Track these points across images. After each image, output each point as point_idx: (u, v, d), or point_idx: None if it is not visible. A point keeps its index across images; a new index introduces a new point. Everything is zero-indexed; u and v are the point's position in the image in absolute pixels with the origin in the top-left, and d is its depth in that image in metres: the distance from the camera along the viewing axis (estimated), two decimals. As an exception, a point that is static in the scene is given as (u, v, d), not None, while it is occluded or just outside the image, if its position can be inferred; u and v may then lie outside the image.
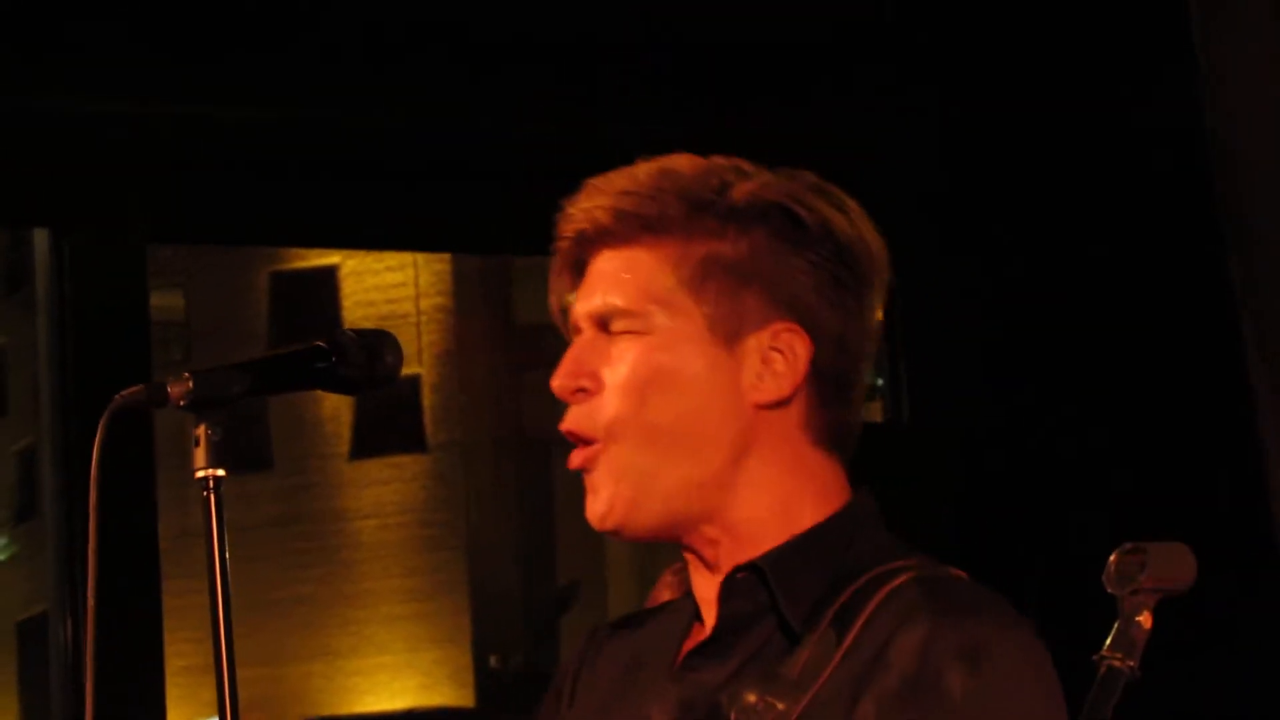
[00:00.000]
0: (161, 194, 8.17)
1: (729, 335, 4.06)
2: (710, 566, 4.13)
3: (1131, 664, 3.39)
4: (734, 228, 4.09)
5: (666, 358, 4.03)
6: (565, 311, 4.20)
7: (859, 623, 3.97)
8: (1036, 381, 8.59)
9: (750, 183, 4.09)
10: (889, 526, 4.21)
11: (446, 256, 45.15)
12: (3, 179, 8.29)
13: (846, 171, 4.55)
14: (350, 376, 4.11)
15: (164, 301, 42.33)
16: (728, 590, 4.08)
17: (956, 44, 8.88)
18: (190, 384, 3.99)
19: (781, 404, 4.08)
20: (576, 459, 4.05)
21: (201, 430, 3.98)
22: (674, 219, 4.07)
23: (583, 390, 4.06)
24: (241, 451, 50.44)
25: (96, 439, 4.04)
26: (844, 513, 4.12)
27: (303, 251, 48.77)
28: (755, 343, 4.05)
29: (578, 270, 4.19)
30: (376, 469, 51.40)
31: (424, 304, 50.33)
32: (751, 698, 3.89)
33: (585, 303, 4.13)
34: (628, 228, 4.06)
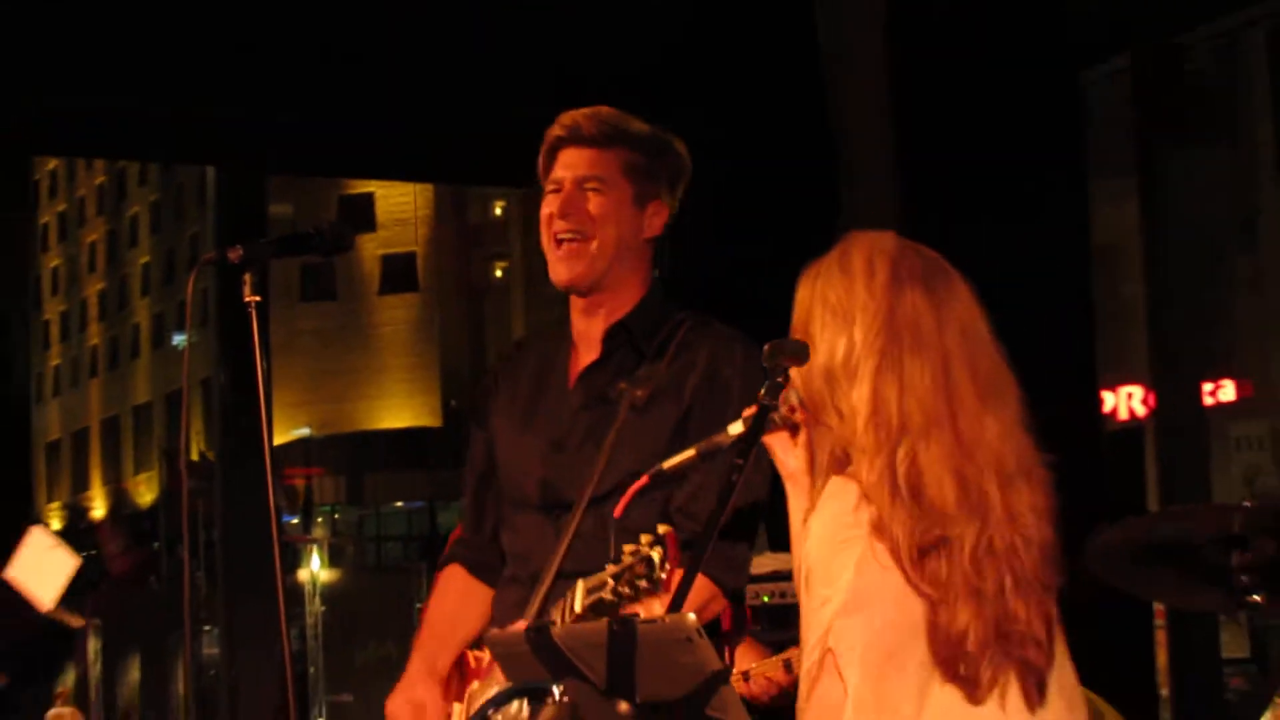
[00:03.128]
0: (275, 143, 7.85)
1: (639, 202, 4.24)
2: (590, 314, 4.26)
3: (774, 403, 3.20)
4: (646, 149, 4.26)
5: (614, 206, 4.19)
6: (548, 174, 4.28)
7: (674, 345, 4.19)
8: (741, 238, 8.12)
9: (650, 128, 4.28)
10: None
11: (430, 187, 46.12)
12: (191, 141, 7.94)
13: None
14: (326, 246, 4.17)
15: (280, 210, 42.48)
16: (610, 336, 4.25)
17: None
18: (241, 250, 4.04)
19: (651, 240, 4.26)
20: (571, 248, 4.19)
21: (248, 276, 4.02)
22: (617, 138, 4.23)
23: (573, 213, 4.17)
24: (318, 289, 53.44)
25: (190, 281, 4.18)
26: (654, 289, 4.30)
27: (354, 182, 50.12)
28: (650, 208, 4.25)
29: (555, 155, 4.27)
30: (392, 300, 52.50)
31: (420, 213, 51.47)
32: (623, 385, 4.10)
33: (573, 170, 4.22)
34: (598, 137, 4.22)
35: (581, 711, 2.94)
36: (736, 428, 3.45)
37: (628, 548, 3.32)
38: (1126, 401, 19.31)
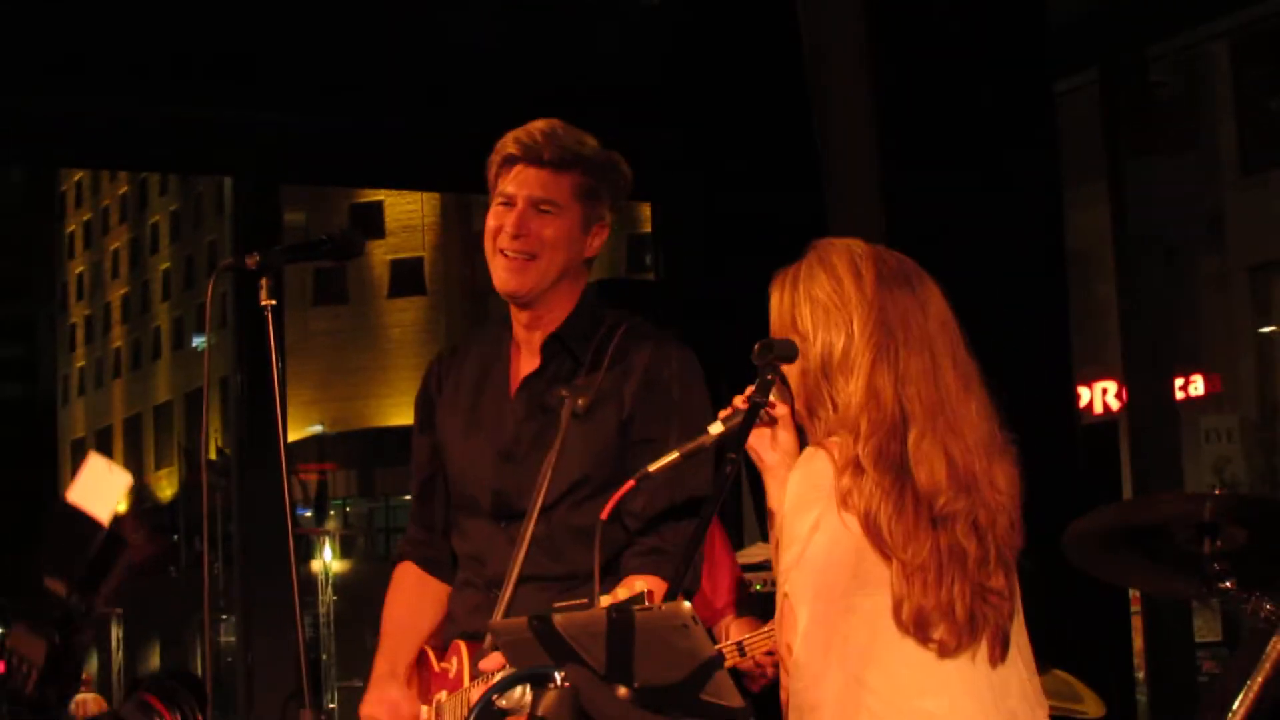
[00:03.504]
0: (287, 155, 7.84)
1: (585, 225, 4.14)
2: (531, 328, 4.16)
3: (764, 400, 3.20)
4: (596, 171, 4.14)
5: (565, 230, 4.08)
6: (497, 184, 4.17)
7: (610, 351, 4.10)
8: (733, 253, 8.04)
9: (599, 147, 4.16)
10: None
11: (436, 195, 46.13)
12: (209, 152, 7.94)
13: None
14: (338, 252, 4.09)
15: (294, 218, 42.47)
16: (547, 347, 4.16)
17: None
18: (258, 257, 3.96)
19: (590, 259, 4.18)
20: (519, 263, 4.09)
21: (264, 281, 3.96)
22: (572, 162, 4.11)
23: (525, 235, 4.06)
24: (331, 293, 53.79)
25: (209, 286, 4.14)
26: (585, 297, 4.20)
27: (364, 191, 49.88)
28: (593, 229, 4.16)
29: (509, 168, 4.14)
30: (401, 303, 52.77)
31: (427, 220, 51.51)
32: (563, 392, 3.99)
33: (528, 190, 4.10)
34: (556, 160, 4.09)
35: (582, 696, 2.93)
36: (716, 428, 3.43)
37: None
38: (1101, 396, 19.30)
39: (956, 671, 3.31)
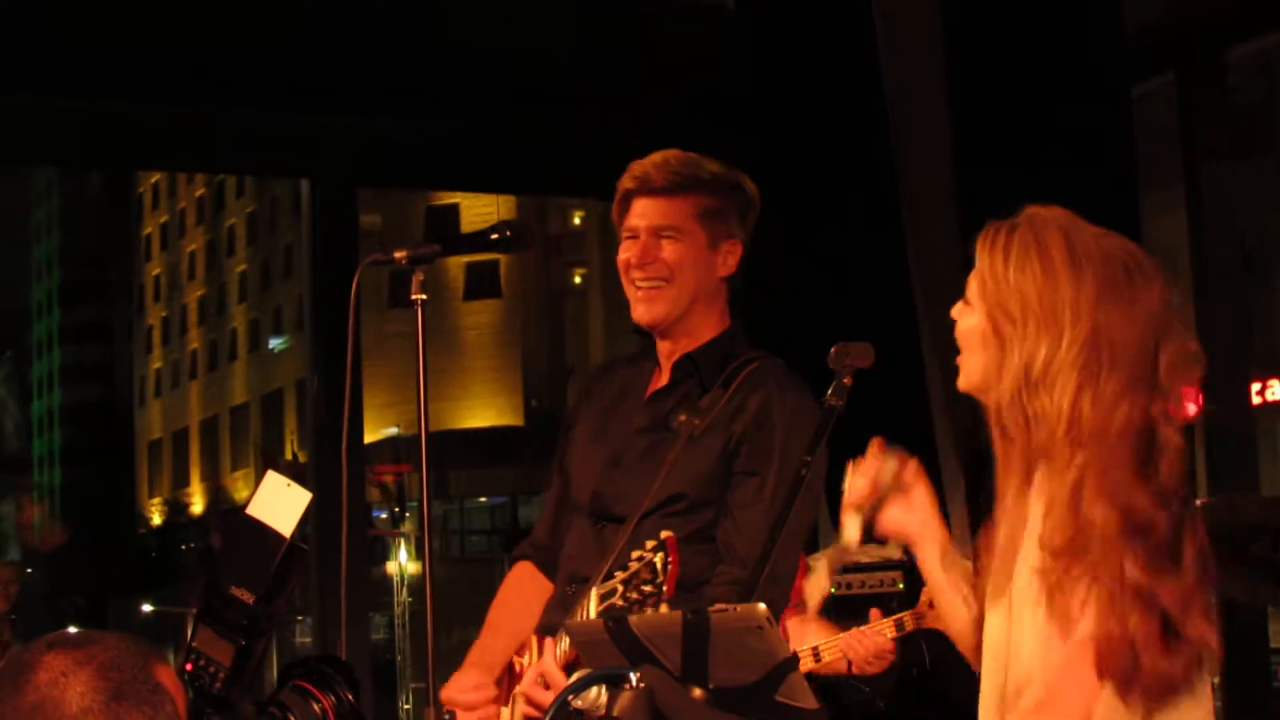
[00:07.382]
0: (365, 158, 7.88)
1: (713, 244, 4.24)
2: (671, 355, 4.29)
3: (840, 403, 3.26)
4: (716, 191, 4.24)
5: (690, 253, 4.20)
6: (622, 221, 4.29)
7: (735, 385, 4.14)
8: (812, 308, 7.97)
9: (718, 168, 4.26)
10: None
11: (512, 197, 46.11)
12: (287, 155, 7.98)
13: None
14: (510, 244, 4.12)
15: (369, 220, 42.63)
16: (678, 366, 4.28)
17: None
18: (408, 251, 4.08)
19: (728, 278, 4.26)
20: (651, 293, 4.23)
21: (417, 276, 4.09)
22: (688, 186, 4.22)
23: (651, 263, 4.20)
24: (406, 296, 53.20)
25: (355, 279, 4.15)
26: (730, 329, 4.29)
27: (440, 194, 49.83)
28: (723, 248, 4.25)
29: (628, 204, 4.28)
30: (476, 305, 53.42)
31: None
32: (683, 416, 4.08)
33: (648, 220, 4.25)
34: (670, 187, 4.21)
35: (658, 697, 2.96)
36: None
37: (634, 553, 3.55)
38: (1178, 402, 19.17)
39: None
